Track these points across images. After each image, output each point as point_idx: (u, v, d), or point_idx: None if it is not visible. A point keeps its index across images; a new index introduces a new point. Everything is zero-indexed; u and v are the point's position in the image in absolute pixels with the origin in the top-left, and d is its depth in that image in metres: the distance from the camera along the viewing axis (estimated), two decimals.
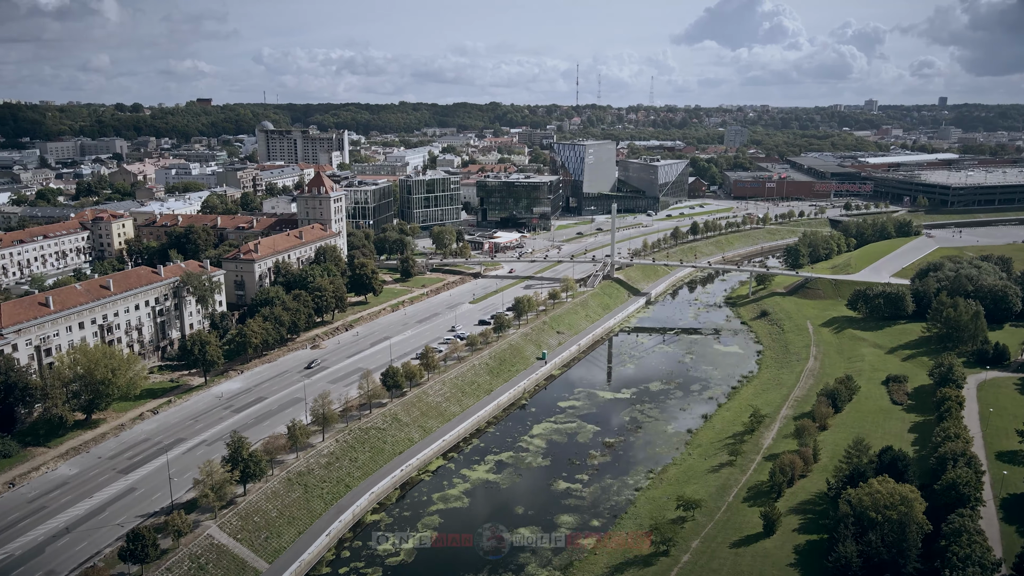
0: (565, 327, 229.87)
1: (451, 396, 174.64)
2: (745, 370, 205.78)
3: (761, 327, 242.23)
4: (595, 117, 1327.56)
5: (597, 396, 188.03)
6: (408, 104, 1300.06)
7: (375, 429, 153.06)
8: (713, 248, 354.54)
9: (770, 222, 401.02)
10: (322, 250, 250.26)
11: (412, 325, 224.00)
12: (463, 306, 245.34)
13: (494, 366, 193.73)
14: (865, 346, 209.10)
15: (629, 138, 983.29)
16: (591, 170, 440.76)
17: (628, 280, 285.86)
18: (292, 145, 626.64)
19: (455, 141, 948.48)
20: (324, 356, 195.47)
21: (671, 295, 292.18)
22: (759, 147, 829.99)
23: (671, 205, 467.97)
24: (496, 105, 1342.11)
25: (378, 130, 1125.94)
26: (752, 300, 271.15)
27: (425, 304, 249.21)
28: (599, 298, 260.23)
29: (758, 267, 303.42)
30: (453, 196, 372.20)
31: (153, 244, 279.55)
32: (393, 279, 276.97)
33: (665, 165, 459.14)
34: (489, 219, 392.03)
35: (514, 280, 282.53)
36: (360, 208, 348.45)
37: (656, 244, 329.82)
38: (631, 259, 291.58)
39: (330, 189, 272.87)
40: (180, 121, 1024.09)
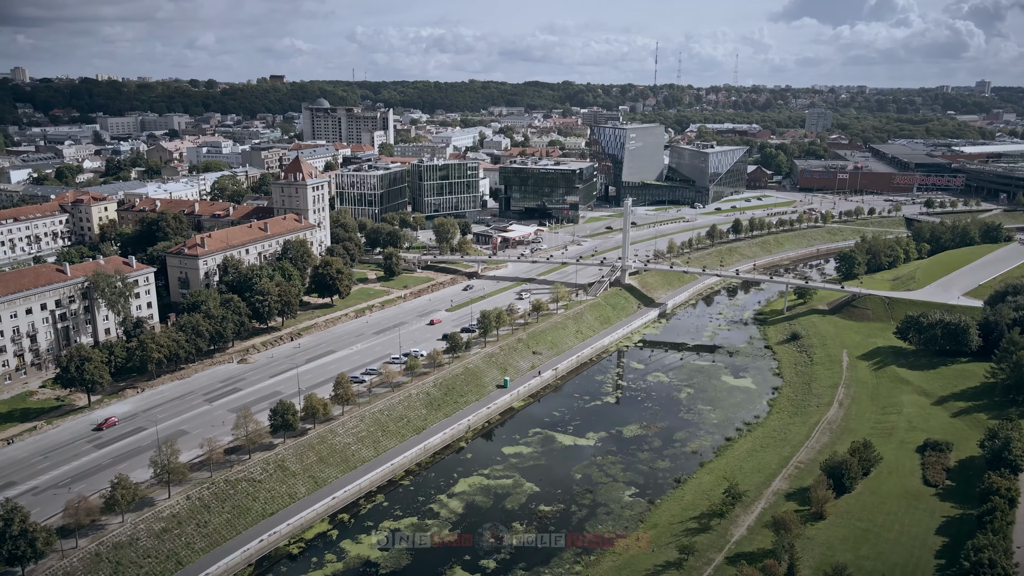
0: (545, 346, 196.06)
1: (367, 436, 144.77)
2: (751, 414, 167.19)
3: (787, 354, 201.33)
4: (672, 98, 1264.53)
5: (555, 441, 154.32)
6: (477, 83, 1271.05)
7: (247, 481, 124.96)
8: (758, 250, 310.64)
9: (832, 219, 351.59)
10: (290, 245, 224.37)
11: (367, 337, 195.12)
12: (438, 314, 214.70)
13: (437, 396, 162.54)
14: (907, 391, 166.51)
15: (703, 120, 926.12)
16: (633, 156, 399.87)
17: (643, 288, 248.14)
18: (336, 124, 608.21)
19: (518, 121, 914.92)
20: (247, 373, 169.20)
21: (693, 306, 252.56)
22: (844, 132, 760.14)
23: (725, 196, 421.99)
24: (569, 84, 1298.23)
25: (444, 108, 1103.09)
26: (785, 318, 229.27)
27: (396, 310, 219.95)
28: (599, 310, 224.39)
29: (796, 277, 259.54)
30: (470, 183, 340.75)
31: (127, 230, 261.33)
32: (377, 277, 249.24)
33: (718, 152, 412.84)
34: (513, 208, 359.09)
35: (511, 283, 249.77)
36: (365, 195, 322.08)
37: (687, 245, 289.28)
38: (645, 264, 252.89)
39: (309, 175, 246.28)
40: (248, 98, 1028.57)
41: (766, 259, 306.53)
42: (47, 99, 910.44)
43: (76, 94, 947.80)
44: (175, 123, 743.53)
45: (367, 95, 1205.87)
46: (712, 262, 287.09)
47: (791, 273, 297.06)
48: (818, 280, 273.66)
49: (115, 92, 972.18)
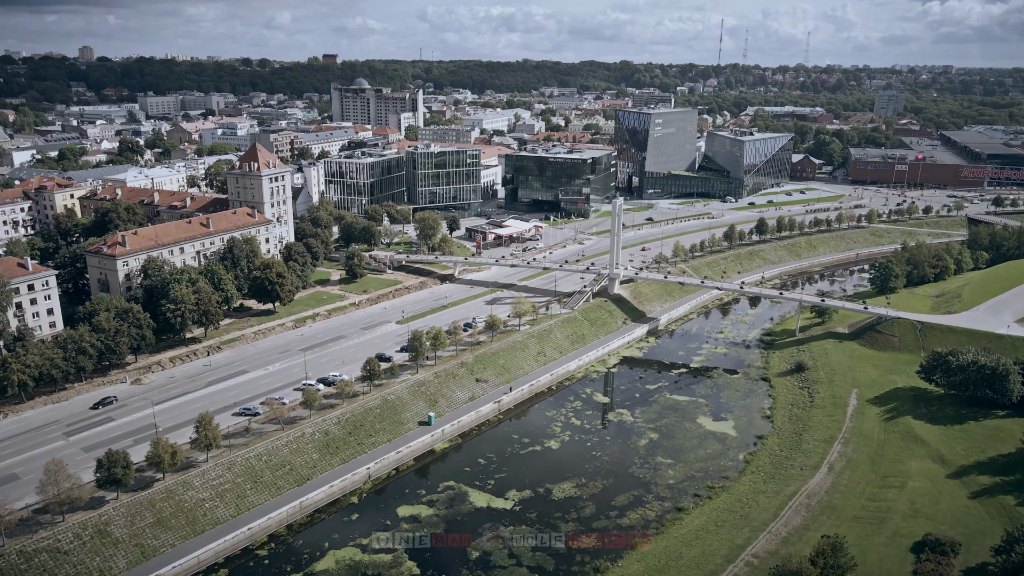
0: (494, 371, 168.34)
1: (231, 490, 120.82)
2: (719, 472, 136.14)
3: (785, 390, 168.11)
4: (735, 79, 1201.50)
5: (466, 500, 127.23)
6: (531, 62, 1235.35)
7: (49, 552, 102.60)
8: (785, 254, 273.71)
9: (879, 219, 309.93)
10: (233, 243, 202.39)
11: (293, 353, 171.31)
12: (386, 327, 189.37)
13: (337, 437, 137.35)
14: (919, 455, 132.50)
15: (763, 103, 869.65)
16: (658, 144, 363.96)
17: (634, 299, 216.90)
18: (365, 104, 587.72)
19: (567, 102, 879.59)
20: (133, 398, 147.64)
21: (692, 322, 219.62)
22: (916, 116, 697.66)
23: (763, 189, 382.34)
24: (627, 64, 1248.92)
25: (494, 89, 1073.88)
26: (795, 341, 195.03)
27: (341, 320, 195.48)
28: (573, 326, 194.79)
29: (823, 289, 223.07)
30: (471, 172, 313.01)
31: (84, 220, 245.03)
32: (340, 279, 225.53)
33: (756, 140, 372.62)
34: (521, 200, 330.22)
35: (486, 289, 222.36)
36: (354, 184, 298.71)
37: (699, 247, 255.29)
38: (637, 272, 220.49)
39: (267, 165, 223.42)
40: (298, 77, 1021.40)
41: (793, 265, 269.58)
42: (100, 78, 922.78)
43: (128, 73, 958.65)
44: (213, 103, 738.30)
45: (419, 74, 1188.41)
46: (728, 268, 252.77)
47: (825, 280, 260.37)
48: (848, 292, 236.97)
49: (166, 71, 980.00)
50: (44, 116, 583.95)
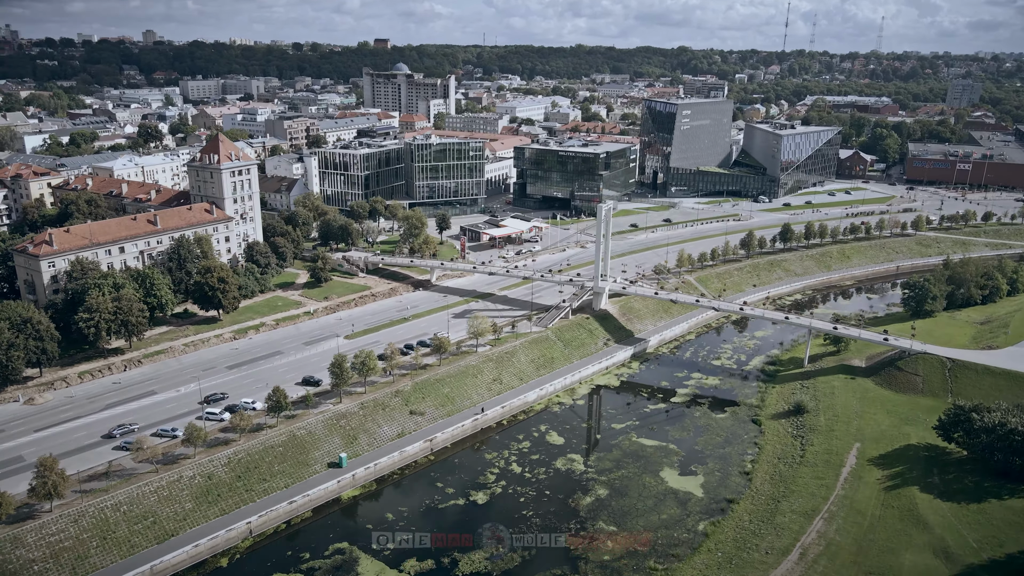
0: (435, 402, 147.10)
1: (72, 548, 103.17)
2: (667, 548, 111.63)
3: (775, 438, 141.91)
4: (798, 66, 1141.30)
5: (354, 567, 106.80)
6: (583, 48, 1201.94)
7: None
8: (812, 265, 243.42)
9: (929, 226, 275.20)
10: (180, 243, 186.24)
11: (218, 371, 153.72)
12: (332, 342, 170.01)
13: (223, 481, 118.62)
14: (920, 544, 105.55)
15: (825, 92, 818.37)
16: (685, 138, 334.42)
17: (623, 316, 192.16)
18: (396, 90, 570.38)
19: (616, 90, 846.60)
20: (13, 420, 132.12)
21: (688, 343, 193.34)
22: (994, 108, 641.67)
23: (804, 188, 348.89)
24: (684, 50, 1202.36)
25: (544, 75, 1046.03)
26: (801, 374, 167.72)
27: (288, 331, 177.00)
28: (543, 348, 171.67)
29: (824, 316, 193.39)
30: (473, 166, 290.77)
31: (51, 211, 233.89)
32: (305, 282, 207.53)
33: (796, 134, 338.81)
34: (531, 196, 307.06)
35: (461, 299, 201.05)
36: (349, 177, 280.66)
37: (710, 256, 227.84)
38: (623, 286, 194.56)
39: (228, 157, 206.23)
40: (345, 62, 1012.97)
41: (820, 278, 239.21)
42: (151, 61, 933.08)
43: (179, 57, 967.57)
44: (253, 87, 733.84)
45: (470, 59, 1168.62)
46: (742, 280, 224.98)
47: (856, 297, 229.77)
48: (878, 313, 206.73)
49: (217, 55, 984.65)
50: (81, 99, 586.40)
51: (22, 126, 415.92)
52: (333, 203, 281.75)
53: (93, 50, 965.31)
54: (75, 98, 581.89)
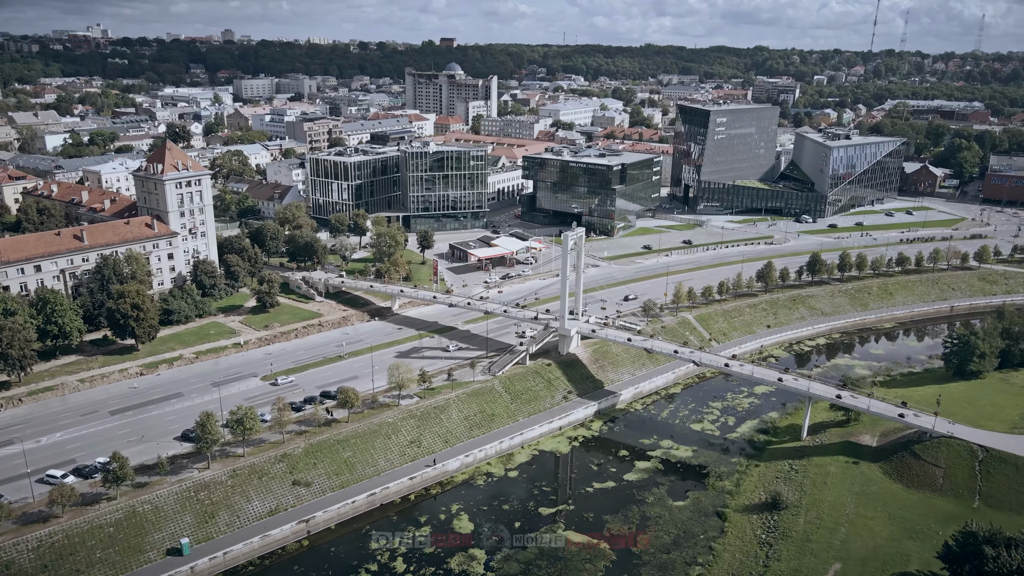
0: (330, 470, 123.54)
1: None
2: None
3: (737, 543, 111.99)
4: (885, 67, 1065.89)
5: None
6: (653, 47, 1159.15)
7: None
8: (845, 303, 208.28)
9: (997, 258, 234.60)
10: (105, 262, 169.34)
11: (100, 417, 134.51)
12: (247, 383, 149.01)
13: (25, 573, 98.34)
14: None
15: (909, 95, 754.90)
16: (720, 148, 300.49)
17: (594, 363, 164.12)
18: (437, 91, 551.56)
19: (680, 91, 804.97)
20: None
21: (678, 396, 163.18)
22: None
23: (861, 205, 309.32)
24: (760, 50, 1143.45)
25: (608, 75, 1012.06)
26: (796, 451, 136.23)
27: (204, 367, 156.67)
28: (484, 401, 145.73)
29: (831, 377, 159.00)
30: (475, 176, 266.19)
31: (12, 219, 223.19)
32: (251, 308, 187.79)
33: (848, 146, 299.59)
34: (542, 209, 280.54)
35: (414, 334, 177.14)
36: (339, 186, 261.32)
37: (720, 289, 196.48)
38: (592, 329, 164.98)
39: (175, 167, 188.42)
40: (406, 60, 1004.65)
41: (853, 319, 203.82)
42: (217, 60, 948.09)
43: (245, 55, 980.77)
44: (305, 86, 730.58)
45: (536, 58, 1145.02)
46: (754, 320, 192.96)
47: (894, 343, 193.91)
48: (916, 367, 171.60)
49: (282, 55, 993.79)
50: (131, 98, 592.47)
51: (53, 124, 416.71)
52: (325, 213, 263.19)
53: (164, 49, 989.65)
54: (125, 96, 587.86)
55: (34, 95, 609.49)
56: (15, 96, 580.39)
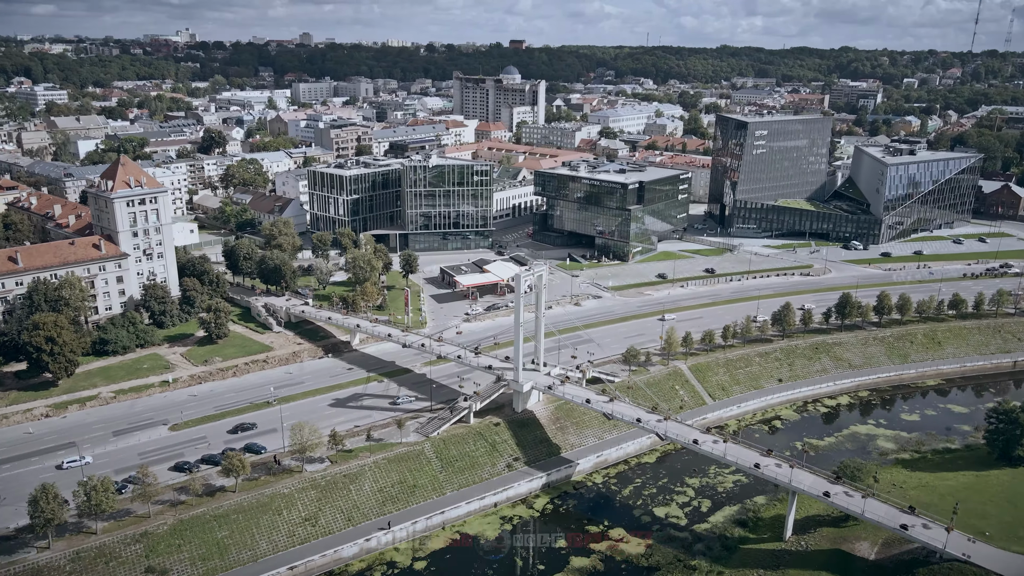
0: (196, 553, 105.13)
1: None
2: None
3: None
4: (986, 69, 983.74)
5: None
6: (728, 48, 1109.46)
7: None
8: (879, 353, 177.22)
9: None
10: (37, 286, 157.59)
11: None
12: (153, 432, 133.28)
13: None
14: None
15: (1007, 101, 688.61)
16: (759, 164, 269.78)
17: (554, 423, 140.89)
18: (485, 96, 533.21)
19: (750, 97, 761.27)
20: None
21: (649, 467, 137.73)
22: None
23: (923, 231, 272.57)
24: (846, 51, 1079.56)
25: (679, 79, 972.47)
26: (771, 555, 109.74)
27: (121, 408, 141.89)
28: (407, 468, 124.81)
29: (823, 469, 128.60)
30: (479, 192, 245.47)
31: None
32: (201, 337, 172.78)
33: (910, 163, 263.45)
34: (555, 229, 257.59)
35: (362, 376, 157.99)
36: (336, 201, 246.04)
37: (726, 334, 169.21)
38: (552, 382, 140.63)
39: (126, 184, 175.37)
40: (471, 63, 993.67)
41: (888, 373, 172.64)
42: (284, 63, 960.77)
43: (312, 58, 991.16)
44: (361, 89, 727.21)
45: (606, 60, 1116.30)
46: (762, 373, 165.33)
47: (947, 401, 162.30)
48: (956, 443, 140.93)
49: (348, 57, 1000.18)
50: (189, 101, 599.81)
51: (94, 129, 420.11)
52: (324, 228, 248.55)
53: (237, 52, 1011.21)
54: (181, 101, 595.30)
55: (102, 98, 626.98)
56: (82, 98, 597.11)
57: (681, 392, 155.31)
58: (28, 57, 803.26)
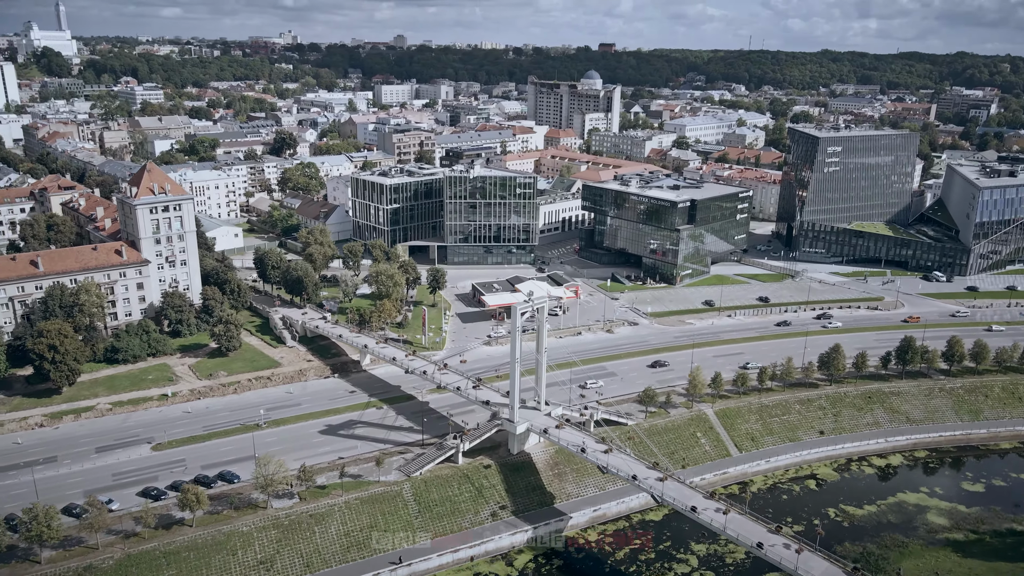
0: None
1: None
2: None
3: None
4: None
5: None
6: (830, 53, 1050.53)
7: None
8: (944, 406, 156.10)
9: None
10: (52, 292, 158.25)
11: None
12: (136, 451, 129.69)
13: None
14: None
15: None
16: (830, 182, 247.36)
17: (553, 469, 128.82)
18: (558, 101, 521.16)
19: (849, 105, 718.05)
20: None
21: (645, 525, 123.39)
22: None
23: (1019, 262, 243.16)
24: (961, 56, 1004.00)
25: (773, 84, 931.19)
26: None
27: (115, 421, 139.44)
28: (381, 510, 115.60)
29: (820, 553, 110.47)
30: (523, 206, 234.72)
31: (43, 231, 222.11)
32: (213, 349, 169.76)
33: (1006, 186, 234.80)
34: (602, 247, 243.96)
35: (362, 401, 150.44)
36: (376, 210, 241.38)
37: (763, 376, 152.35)
38: (547, 428, 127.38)
39: (150, 190, 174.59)
40: (557, 66, 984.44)
41: (954, 432, 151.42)
42: (373, 65, 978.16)
43: (400, 60, 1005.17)
44: (442, 92, 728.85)
45: (698, 64, 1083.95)
46: (802, 422, 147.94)
47: (1007, 475, 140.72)
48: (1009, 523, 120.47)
49: (436, 59, 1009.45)
50: (273, 102, 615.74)
51: (174, 129, 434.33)
52: (365, 236, 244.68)
53: (330, 54, 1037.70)
54: (264, 102, 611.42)
55: (196, 98, 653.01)
56: (176, 98, 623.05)
57: (703, 440, 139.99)
58: (136, 58, 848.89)
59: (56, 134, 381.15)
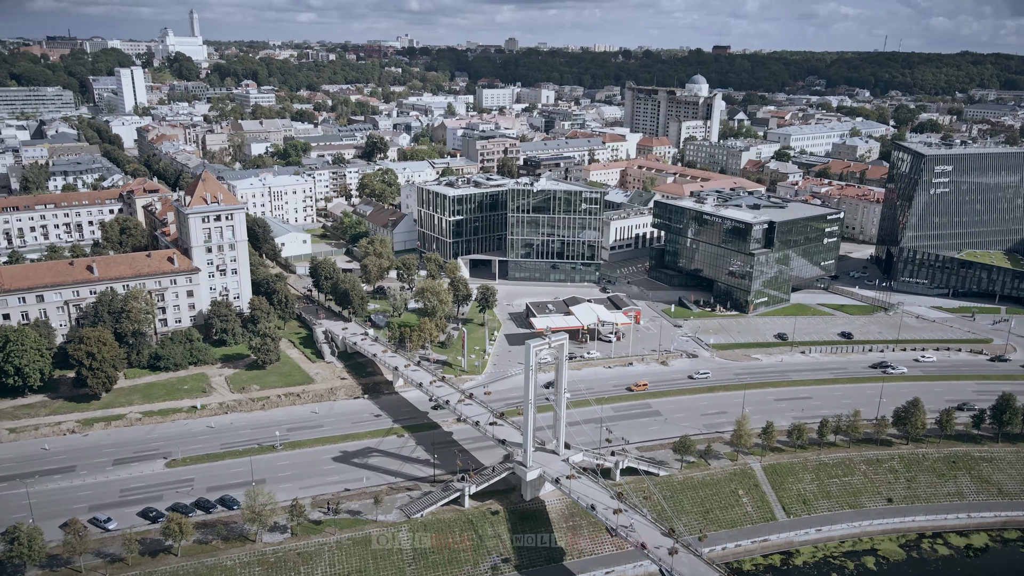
0: None
1: None
2: None
3: None
4: None
5: None
6: (969, 55, 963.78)
7: None
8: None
9: None
10: (102, 297, 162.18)
11: None
12: (151, 465, 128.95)
13: None
14: None
15: None
16: (937, 205, 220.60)
17: (567, 520, 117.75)
18: (656, 108, 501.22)
19: (987, 112, 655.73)
20: None
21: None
22: None
23: None
24: None
25: (902, 89, 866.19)
26: None
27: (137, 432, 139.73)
28: (376, 553, 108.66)
29: None
30: (587, 221, 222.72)
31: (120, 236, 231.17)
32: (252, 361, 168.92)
33: None
34: (673, 267, 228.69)
35: (387, 427, 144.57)
36: (438, 222, 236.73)
37: (825, 429, 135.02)
38: (559, 477, 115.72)
39: (203, 200, 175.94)
40: (664, 70, 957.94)
41: None
42: (479, 69, 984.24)
43: (506, 64, 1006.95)
44: (541, 96, 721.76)
45: (818, 67, 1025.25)
46: (865, 487, 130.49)
47: None
48: None
49: (542, 63, 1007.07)
50: (374, 105, 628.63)
51: (274, 133, 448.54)
52: (429, 247, 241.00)
53: (439, 57, 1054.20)
54: (363, 104, 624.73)
55: (307, 100, 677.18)
56: (286, 101, 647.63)
57: (744, 500, 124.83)
58: (257, 62, 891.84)
59: (163, 136, 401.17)
